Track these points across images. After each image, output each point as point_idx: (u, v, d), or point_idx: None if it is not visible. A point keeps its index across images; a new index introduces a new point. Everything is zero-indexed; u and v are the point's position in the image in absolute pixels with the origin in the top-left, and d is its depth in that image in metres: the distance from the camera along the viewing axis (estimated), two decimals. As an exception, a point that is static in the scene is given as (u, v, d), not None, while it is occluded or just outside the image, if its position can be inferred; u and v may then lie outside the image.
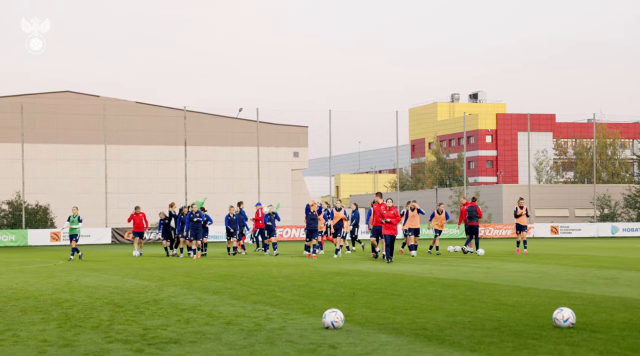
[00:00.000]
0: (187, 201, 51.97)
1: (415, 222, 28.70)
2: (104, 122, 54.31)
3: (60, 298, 14.76)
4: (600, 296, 13.95)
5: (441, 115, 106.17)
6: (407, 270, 20.84)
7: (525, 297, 13.92)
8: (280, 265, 23.87)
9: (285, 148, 66.73)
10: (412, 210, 28.70)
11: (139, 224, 31.62)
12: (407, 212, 28.72)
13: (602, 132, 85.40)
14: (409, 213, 28.70)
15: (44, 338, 9.86)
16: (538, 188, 72.85)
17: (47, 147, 60.20)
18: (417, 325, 10.71)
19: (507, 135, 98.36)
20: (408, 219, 28.66)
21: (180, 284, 17.50)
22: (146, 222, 31.88)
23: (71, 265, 25.65)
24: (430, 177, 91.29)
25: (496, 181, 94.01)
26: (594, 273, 19.40)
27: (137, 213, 31.95)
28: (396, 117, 57.70)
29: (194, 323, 11.11)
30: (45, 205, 54.52)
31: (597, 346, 8.89)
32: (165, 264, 25.39)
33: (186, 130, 55.31)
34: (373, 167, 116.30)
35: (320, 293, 15.00)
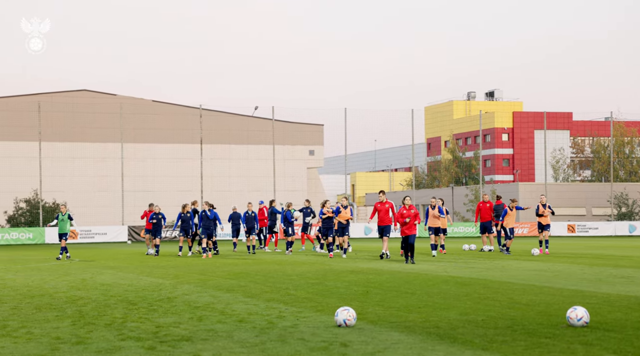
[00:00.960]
0: (202, 199, 52.14)
1: (436, 221, 27.60)
2: (120, 121, 54.52)
3: (74, 295, 14.84)
4: (616, 296, 13.86)
5: (457, 113, 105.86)
6: (421, 269, 20.79)
7: (540, 296, 13.85)
8: (295, 263, 23.87)
9: (301, 147, 66.79)
10: (433, 208, 27.64)
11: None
12: (428, 210, 27.73)
13: (619, 130, 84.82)
14: (429, 211, 27.66)
15: (57, 336, 9.92)
16: (555, 187, 72.47)
17: (65, 146, 60.57)
18: (429, 323, 10.68)
19: (524, 134, 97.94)
20: (429, 217, 27.63)
21: (195, 282, 17.55)
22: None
23: (87, 262, 25.77)
24: (446, 175, 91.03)
25: (512, 179, 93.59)
26: (610, 272, 19.27)
27: (151, 211, 31.27)
28: (412, 115, 57.57)
29: (206, 320, 11.14)
30: (62, 204, 54.82)
31: (611, 345, 8.83)
32: (180, 262, 25.47)
33: (202, 128, 55.43)
34: (389, 165, 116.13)
35: (334, 291, 14.99)
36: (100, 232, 47.64)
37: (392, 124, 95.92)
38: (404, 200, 23.20)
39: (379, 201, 25.40)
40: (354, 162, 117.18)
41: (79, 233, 47.16)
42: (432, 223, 27.56)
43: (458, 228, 52.06)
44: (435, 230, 27.56)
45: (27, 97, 60.49)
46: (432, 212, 27.57)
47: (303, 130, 66.62)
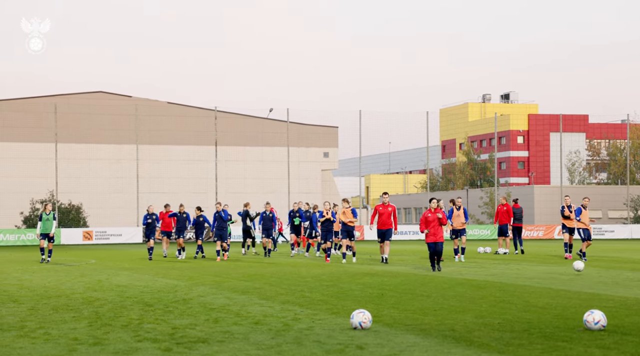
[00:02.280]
0: (216, 200, 52.24)
1: (460, 222, 25.75)
2: (136, 122, 54.76)
3: (91, 296, 14.91)
4: (633, 299, 13.79)
5: (472, 115, 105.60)
6: (435, 272, 20.74)
7: (556, 299, 13.79)
8: (310, 265, 23.88)
9: (316, 149, 66.83)
10: (459, 209, 25.89)
11: (168, 223, 30.02)
12: (452, 211, 25.85)
13: (636, 132, 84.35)
14: (453, 212, 25.77)
15: (74, 337, 9.97)
16: (570, 190, 72.14)
17: (80, 147, 60.89)
18: (445, 326, 10.66)
19: (539, 136, 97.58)
20: (452, 219, 25.79)
21: (210, 284, 17.59)
22: (174, 221, 30.22)
23: (103, 263, 25.87)
24: (461, 177, 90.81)
25: (528, 182, 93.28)
26: (627, 276, 19.16)
27: (166, 212, 30.42)
28: (427, 117, 57.51)
29: (222, 322, 11.16)
30: (78, 205, 55.19)
31: (629, 349, 8.78)
32: (195, 264, 25.54)
33: (217, 130, 55.57)
34: (403, 168, 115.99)
35: (349, 294, 14.99)
36: (116, 233, 47.83)
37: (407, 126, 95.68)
38: (430, 203, 20.62)
39: (380, 203, 24.41)
40: (369, 164, 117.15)
41: (95, 234, 47.38)
42: (457, 225, 25.80)
43: (473, 230, 51.88)
44: (459, 232, 25.74)
45: (43, 99, 60.87)
46: (456, 213, 25.87)
47: (317, 132, 66.65)
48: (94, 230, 47.86)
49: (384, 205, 24.22)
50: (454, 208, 25.86)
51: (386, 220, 24.02)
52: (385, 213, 24.04)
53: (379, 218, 24.18)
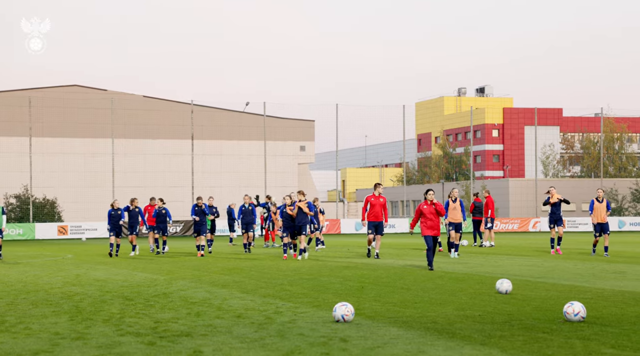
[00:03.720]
0: (194, 195, 52.09)
1: (457, 215, 24.34)
2: (111, 116, 54.39)
3: (70, 291, 14.82)
4: (610, 291, 13.95)
5: (448, 109, 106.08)
6: (415, 264, 20.85)
7: (535, 291, 13.92)
8: (288, 258, 23.88)
9: (292, 142, 66.79)
10: (454, 201, 24.49)
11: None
12: (448, 203, 24.44)
13: (609, 126, 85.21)
14: (449, 205, 24.36)
15: (56, 331, 9.91)
16: (545, 183, 72.72)
17: (55, 141, 60.39)
18: (427, 318, 10.72)
19: (514, 129, 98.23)
20: (449, 211, 24.32)
21: (189, 277, 17.55)
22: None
23: (80, 258, 25.70)
24: (437, 171, 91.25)
25: (503, 175, 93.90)
26: (603, 267, 19.38)
27: (152, 205, 29.46)
28: (403, 111, 57.69)
29: (204, 316, 11.15)
30: (52, 199, 54.75)
31: (609, 340, 8.89)
32: (173, 258, 25.45)
33: (193, 124, 55.35)
34: (379, 161, 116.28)
35: (329, 287, 15.03)
36: (91, 227, 47.52)
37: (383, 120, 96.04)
38: (427, 194, 19.06)
39: (372, 194, 23.12)
40: (345, 157, 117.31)
41: (70, 229, 47.04)
42: (453, 218, 24.36)
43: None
44: (456, 226, 24.33)
45: (17, 92, 60.27)
46: (452, 205, 24.39)
47: (294, 126, 66.61)
48: (69, 225, 47.52)
49: (375, 195, 22.99)
50: (449, 200, 24.50)
51: (379, 212, 22.93)
52: (377, 204, 22.89)
53: (371, 209, 22.93)
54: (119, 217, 26.32)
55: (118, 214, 26.37)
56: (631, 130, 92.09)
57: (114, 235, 26.28)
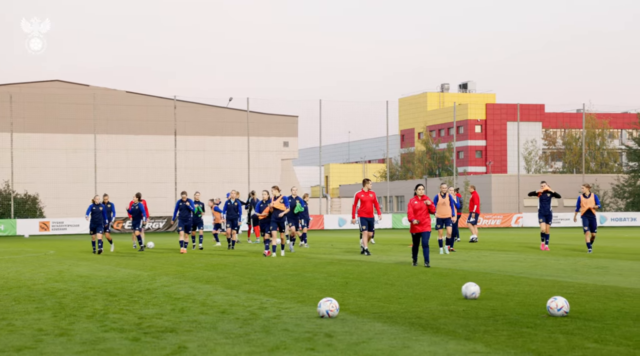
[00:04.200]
0: (177, 191, 51.96)
1: (446, 211, 23.61)
2: (93, 112, 54.09)
3: (53, 287, 14.74)
4: (592, 285, 14.04)
5: (431, 105, 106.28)
6: (398, 260, 20.90)
7: (518, 286, 13.99)
8: (271, 255, 23.84)
9: (275, 138, 66.71)
10: (444, 196, 23.66)
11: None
12: (437, 198, 23.58)
13: (591, 122, 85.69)
14: (438, 199, 23.52)
15: (39, 327, 9.86)
16: (527, 178, 73.06)
17: (37, 137, 59.99)
18: (411, 313, 10.75)
19: (497, 125, 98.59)
20: (437, 207, 23.40)
21: (173, 273, 17.51)
22: (147, 210, 28.68)
23: (62, 254, 25.57)
24: (420, 166, 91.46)
25: (485, 171, 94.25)
26: (585, 262, 19.50)
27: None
28: (386, 106, 57.79)
29: (188, 312, 11.12)
30: (34, 195, 54.43)
31: (592, 334, 8.95)
32: (157, 254, 25.37)
33: (176, 119, 55.13)
34: (363, 157, 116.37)
35: (313, 283, 15.03)
36: (73, 223, 47.32)
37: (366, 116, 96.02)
38: (417, 190, 18.69)
39: (362, 190, 22.80)
40: (328, 153, 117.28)
41: (52, 225, 46.80)
42: (442, 214, 23.66)
43: (433, 219, 52.33)
44: (445, 221, 23.67)
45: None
46: (441, 200, 23.65)
47: (277, 122, 66.54)
48: (51, 221, 47.29)
49: (364, 192, 22.66)
50: (439, 195, 23.71)
51: (370, 208, 22.71)
52: (368, 200, 22.64)
53: (362, 206, 22.66)
54: (100, 213, 25.65)
55: (99, 210, 25.75)
56: (613, 126, 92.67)
57: (94, 232, 25.60)
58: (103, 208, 25.82)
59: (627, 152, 73.27)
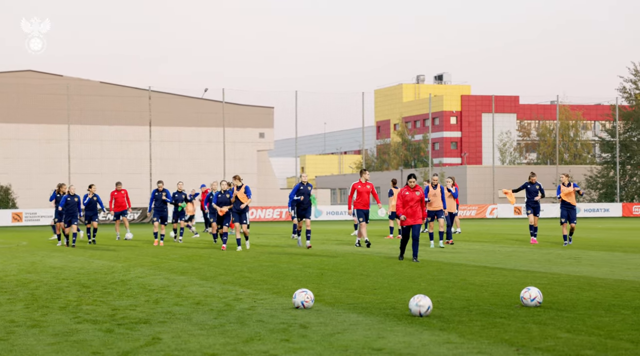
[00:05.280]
0: (152, 182, 51.68)
1: (437, 202, 22.33)
2: (67, 102, 53.59)
3: (25, 278, 14.61)
4: (565, 276, 14.16)
5: (406, 96, 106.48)
6: (374, 251, 20.94)
7: (492, 277, 14.07)
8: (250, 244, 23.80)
9: (251, 129, 66.50)
10: (435, 188, 22.44)
11: (121, 203, 27.77)
12: (428, 190, 22.40)
13: (564, 113, 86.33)
14: (429, 191, 22.38)
15: (11, 319, 9.76)
16: (502, 170, 73.53)
17: (9, 127, 59.34)
18: (386, 304, 10.78)
19: (472, 117, 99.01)
20: (428, 197, 22.29)
21: (147, 265, 17.42)
22: (128, 200, 27.91)
23: (35, 245, 25.34)
24: (396, 158, 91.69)
25: (460, 162, 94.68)
26: (558, 253, 19.66)
27: (118, 191, 27.87)
28: (362, 98, 57.85)
29: (163, 303, 11.07)
30: (6, 186, 53.89)
31: (564, 324, 9.03)
32: (129, 245, 25.21)
33: (151, 110, 54.79)
34: (338, 148, 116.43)
35: (289, 274, 15.03)
36: (47, 214, 46.86)
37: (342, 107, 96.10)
38: (409, 181, 17.52)
39: (359, 181, 21.81)
40: (304, 144, 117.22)
41: (25, 216, 46.37)
42: (433, 206, 22.47)
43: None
44: (437, 213, 22.37)
45: (-31, 77, 59.06)
46: (432, 192, 22.46)
47: (253, 113, 66.32)
48: (24, 212, 46.86)
49: (361, 182, 21.71)
50: (429, 186, 22.52)
51: (367, 199, 21.77)
52: (365, 191, 21.71)
53: (359, 197, 21.73)
54: (75, 204, 24.64)
55: (75, 201, 24.72)
56: (586, 117, 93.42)
57: (69, 225, 24.57)
58: (78, 199, 24.85)
59: (600, 143, 73.94)
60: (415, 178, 17.49)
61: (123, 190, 27.94)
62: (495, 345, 7.91)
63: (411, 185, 17.36)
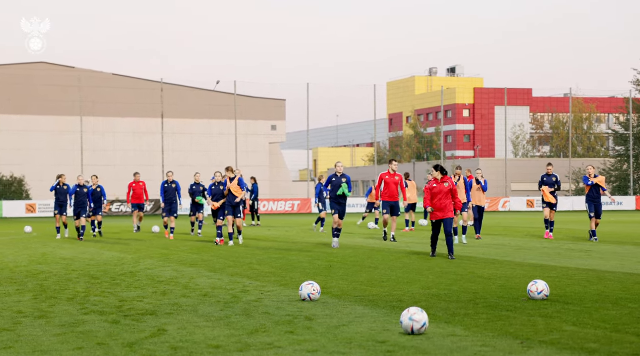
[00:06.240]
0: (164, 174, 51.83)
1: (461, 196, 21.29)
2: (79, 94, 53.77)
3: (35, 269, 14.69)
4: (575, 269, 14.10)
5: (419, 89, 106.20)
6: (384, 244, 20.92)
7: (501, 270, 14.03)
8: (258, 238, 23.87)
9: (263, 122, 66.56)
10: (459, 180, 21.56)
11: (139, 195, 26.94)
12: (471, 184, 21.78)
13: (578, 106, 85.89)
14: (473, 185, 21.67)
15: (19, 310, 9.82)
16: (514, 163, 73.29)
17: (22, 119, 59.63)
18: (393, 297, 10.77)
19: (485, 110, 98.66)
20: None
21: (157, 256, 17.47)
22: (146, 192, 27.14)
23: (47, 237, 25.46)
24: (408, 151, 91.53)
25: (473, 155, 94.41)
26: (569, 247, 19.59)
27: (137, 182, 27.11)
28: (374, 90, 57.75)
29: (170, 295, 11.10)
30: (20, 177, 54.18)
31: (570, 317, 8.99)
32: (142, 237, 25.29)
33: (163, 102, 54.90)
34: (351, 141, 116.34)
35: (298, 266, 15.04)
36: (60, 206, 47.08)
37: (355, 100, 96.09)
38: (434, 172, 16.47)
39: (387, 171, 21.09)
40: (316, 137, 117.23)
41: (38, 207, 46.62)
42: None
43: (420, 203, 52.46)
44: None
45: (-17, 69, 59.36)
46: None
47: (265, 105, 66.36)
48: (37, 203, 47.09)
49: (390, 173, 20.98)
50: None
51: (395, 191, 20.98)
52: (392, 182, 20.94)
53: (386, 189, 20.97)
54: (85, 195, 23.92)
55: (84, 192, 23.95)
56: (600, 110, 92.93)
57: (78, 217, 23.77)
58: (88, 190, 24.16)
59: (614, 136, 73.51)
60: (440, 170, 16.30)
61: (142, 182, 27.20)
62: (500, 338, 7.89)
63: (437, 177, 16.30)
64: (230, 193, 20.80)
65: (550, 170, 22.88)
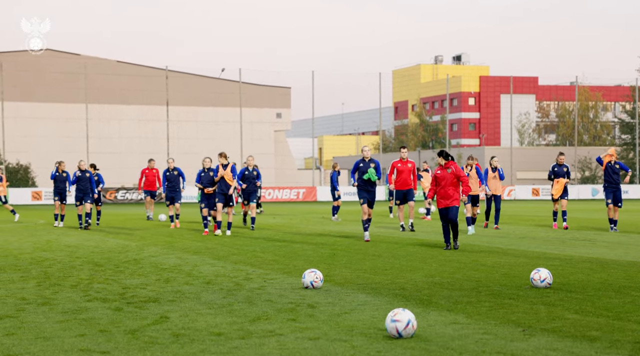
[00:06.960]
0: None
1: (473, 186, 20.91)
2: (85, 81, 53.77)
3: (40, 256, 14.74)
4: (578, 257, 14.09)
5: (424, 77, 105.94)
6: (387, 232, 20.93)
7: (504, 258, 14.03)
8: (262, 226, 23.89)
9: (268, 109, 66.51)
10: (471, 170, 21.07)
11: (152, 181, 26.29)
12: (487, 172, 21.44)
13: (584, 94, 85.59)
14: (489, 173, 21.33)
15: (22, 296, 9.85)
16: (520, 151, 73.15)
17: (28, 106, 59.70)
18: (396, 285, 10.77)
19: (490, 98, 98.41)
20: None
21: (161, 244, 17.50)
22: (159, 179, 26.30)
23: (52, 224, 25.52)
24: (413, 139, 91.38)
25: (479, 143, 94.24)
26: (573, 235, 19.56)
27: (150, 169, 26.37)
28: (379, 78, 57.66)
29: (173, 282, 11.13)
30: (26, 164, 54.27)
31: (572, 305, 8.99)
32: (146, 225, 25.33)
33: (168, 89, 54.87)
34: (356, 129, 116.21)
35: (301, 254, 15.05)
36: (66, 193, 47.17)
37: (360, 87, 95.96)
38: (440, 157, 15.83)
39: (399, 159, 20.69)
40: (321, 125, 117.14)
41: (44, 194, 46.70)
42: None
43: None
44: (473, 198, 20.99)
45: (-12, 56, 59.36)
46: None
47: (270, 93, 66.28)
48: (43, 190, 47.16)
49: (402, 160, 20.54)
50: (464, 168, 20.78)
51: (407, 179, 20.48)
52: (405, 170, 20.47)
53: (398, 177, 20.50)
54: (87, 180, 22.94)
55: (87, 177, 22.97)
56: (606, 98, 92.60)
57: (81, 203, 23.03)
58: (90, 175, 23.08)
59: (620, 124, 73.28)
60: (444, 156, 15.68)
61: (155, 168, 26.46)
62: (502, 325, 7.89)
63: (442, 163, 15.68)
64: (224, 181, 19.93)
65: (562, 159, 21.55)
